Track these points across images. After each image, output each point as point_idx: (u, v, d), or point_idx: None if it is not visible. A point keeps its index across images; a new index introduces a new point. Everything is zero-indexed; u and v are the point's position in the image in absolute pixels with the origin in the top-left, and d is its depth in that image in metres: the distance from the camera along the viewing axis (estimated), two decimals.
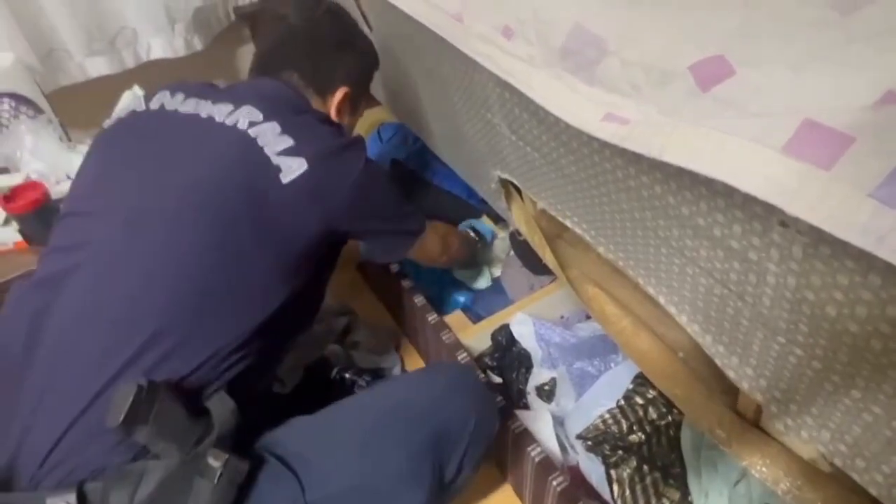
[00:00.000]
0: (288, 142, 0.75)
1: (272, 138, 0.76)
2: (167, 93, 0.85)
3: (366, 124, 1.69)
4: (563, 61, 0.52)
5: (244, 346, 0.73)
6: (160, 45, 1.38)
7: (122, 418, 0.56)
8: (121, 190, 0.75)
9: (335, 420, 0.76)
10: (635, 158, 0.55)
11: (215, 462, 0.59)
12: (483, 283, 1.36)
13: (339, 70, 0.93)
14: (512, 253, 1.42)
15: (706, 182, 0.47)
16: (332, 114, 0.92)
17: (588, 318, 1.18)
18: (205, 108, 0.80)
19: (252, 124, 0.77)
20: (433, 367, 0.93)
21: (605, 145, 0.59)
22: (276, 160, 0.74)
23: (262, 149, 0.75)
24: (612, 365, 1.07)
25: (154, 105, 0.84)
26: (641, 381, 0.98)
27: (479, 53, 0.61)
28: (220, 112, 0.79)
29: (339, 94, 0.92)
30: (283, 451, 0.71)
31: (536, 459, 0.89)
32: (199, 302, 0.70)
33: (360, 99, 1.00)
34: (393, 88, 1.29)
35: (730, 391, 0.77)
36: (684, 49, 0.42)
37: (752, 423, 0.73)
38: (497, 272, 1.40)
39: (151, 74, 1.39)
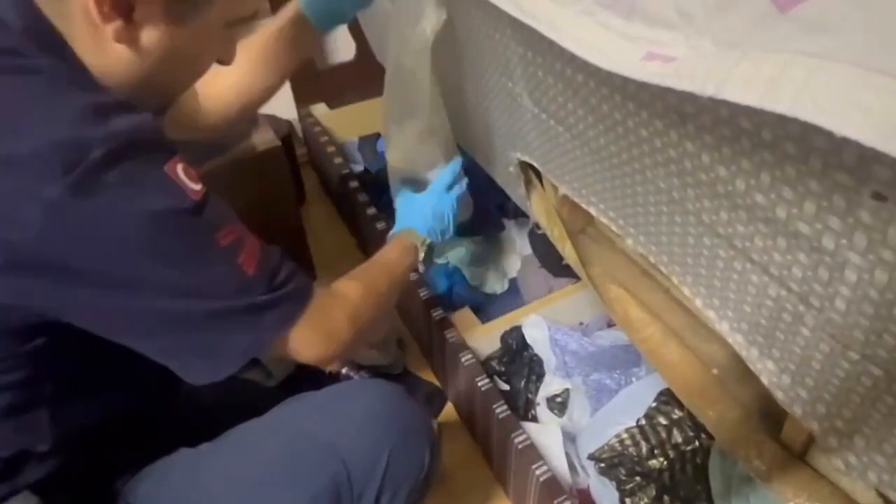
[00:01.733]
0: None
1: None
2: None
3: None
4: None
5: None
6: None
7: None
8: None
9: (212, 465, 0.61)
10: (679, 121, 0.45)
11: None
12: (498, 286, 1.25)
13: None
14: (529, 251, 1.32)
15: (772, 145, 0.37)
16: (109, 35, 0.46)
17: (610, 326, 1.08)
18: None
19: None
20: (343, 389, 0.69)
21: (641, 106, 0.49)
22: None
23: None
24: (634, 379, 0.96)
25: None
26: (666, 399, 0.87)
27: None
28: None
29: None
30: None
31: (541, 479, 0.78)
32: None
33: None
34: None
35: (773, 416, 0.66)
36: None
37: (798, 455, 0.62)
38: (513, 273, 1.30)
39: None
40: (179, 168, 0.48)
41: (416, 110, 0.88)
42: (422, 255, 0.84)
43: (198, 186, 0.49)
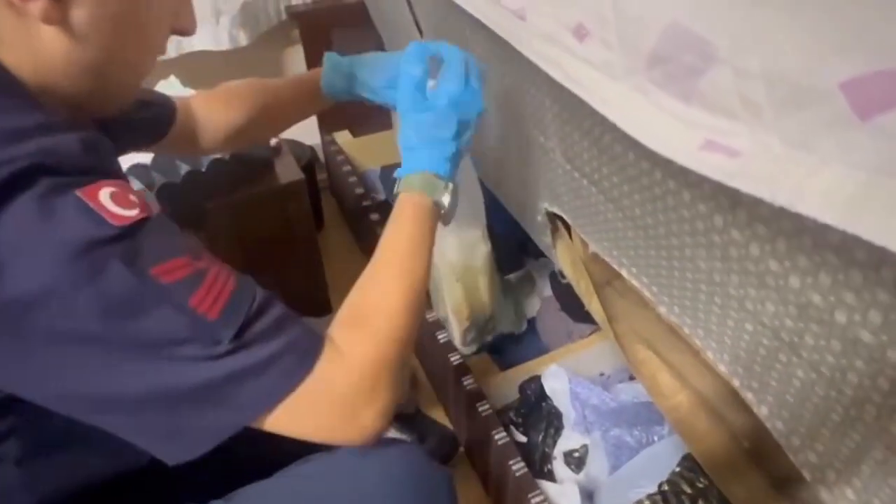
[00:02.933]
0: None
1: None
2: None
3: None
4: (651, 70, 0.40)
5: None
6: (204, 37, 1.32)
7: None
8: None
9: None
10: (728, 206, 0.42)
11: None
12: (516, 326, 1.23)
13: None
14: (550, 292, 1.29)
15: (839, 248, 0.34)
16: (36, 16, 0.40)
17: (632, 378, 1.04)
18: None
19: None
20: (372, 453, 0.59)
21: (684, 186, 0.47)
22: None
23: None
24: (656, 438, 0.93)
25: None
26: (690, 464, 0.84)
27: (542, 57, 0.49)
28: None
29: None
30: None
31: None
32: None
33: None
34: None
35: (810, 499, 0.63)
36: (834, 59, 0.30)
37: None
38: (532, 314, 1.27)
39: (191, 66, 1.33)
40: (104, 192, 0.39)
41: None
42: (445, 201, 0.58)
43: (130, 212, 0.40)
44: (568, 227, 0.87)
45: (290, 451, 0.65)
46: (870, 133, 0.28)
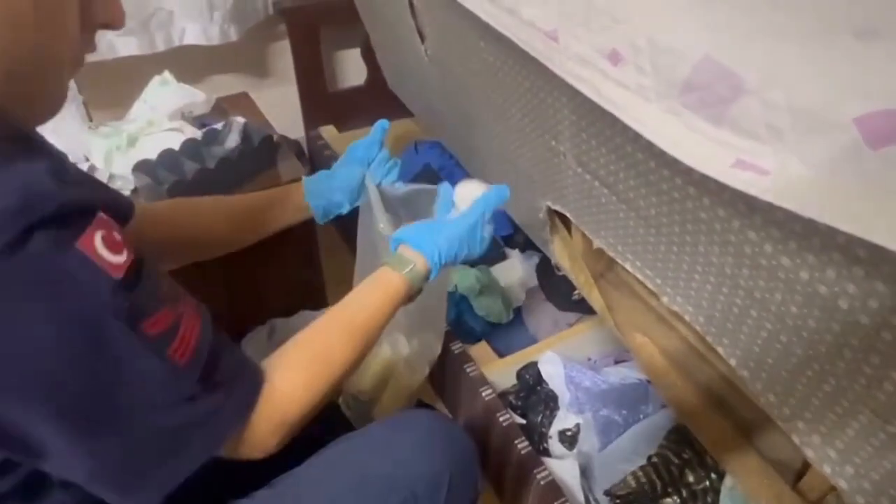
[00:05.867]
0: None
1: None
2: None
3: (397, 137, 1.63)
4: (683, 96, 0.47)
5: None
6: (195, 31, 1.32)
7: None
8: None
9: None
10: (746, 211, 0.49)
11: None
12: (503, 316, 1.29)
13: None
14: (535, 283, 1.37)
15: (844, 247, 0.42)
16: None
17: (617, 362, 1.13)
18: None
19: None
20: (399, 421, 0.68)
21: (704, 193, 0.54)
22: None
23: None
24: (642, 416, 1.01)
25: None
26: (676, 437, 0.93)
27: (575, 76, 0.56)
28: None
29: None
30: None
31: None
32: None
33: None
34: (433, 102, 1.24)
35: (790, 464, 0.72)
36: (851, 97, 0.37)
37: None
38: (518, 304, 1.35)
39: (181, 60, 1.33)
40: (98, 238, 0.39)
41: None
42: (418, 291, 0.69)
43: (121, 258, 0.41)
44: (566, 224, 0.94)
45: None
46: (879, 161, 0.35)
